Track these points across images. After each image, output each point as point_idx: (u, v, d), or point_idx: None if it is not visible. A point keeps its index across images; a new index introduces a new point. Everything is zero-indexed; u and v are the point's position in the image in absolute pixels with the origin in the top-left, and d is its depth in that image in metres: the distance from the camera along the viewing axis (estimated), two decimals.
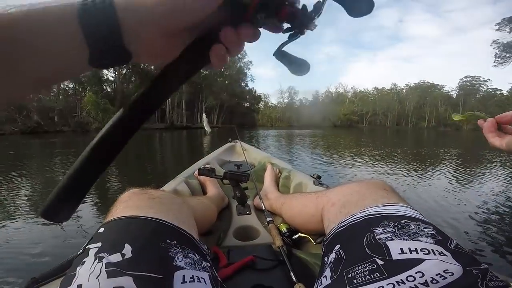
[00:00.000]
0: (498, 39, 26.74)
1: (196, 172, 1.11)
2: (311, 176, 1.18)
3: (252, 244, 0.73)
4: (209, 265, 0.40)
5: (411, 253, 0.32)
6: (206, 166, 1.12)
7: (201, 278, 0.35)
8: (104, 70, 24.58)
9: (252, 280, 0.53)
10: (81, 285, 0.29)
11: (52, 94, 19.67)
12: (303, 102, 49.68)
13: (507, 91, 42.49)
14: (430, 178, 3.54)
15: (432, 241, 0.33)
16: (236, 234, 0.79)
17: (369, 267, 0.33)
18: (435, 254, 0.31)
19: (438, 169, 4.24)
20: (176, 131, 19.32)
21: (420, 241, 0.34)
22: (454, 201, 2.62)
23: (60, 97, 19.90)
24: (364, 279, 0.32)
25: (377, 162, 4.73)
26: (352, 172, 3.91)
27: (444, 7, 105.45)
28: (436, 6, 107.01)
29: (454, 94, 47.11)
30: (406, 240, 0.34)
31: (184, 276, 0.33)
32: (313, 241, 0.68)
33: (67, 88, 21.56)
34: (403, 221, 0.38)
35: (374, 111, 47.61)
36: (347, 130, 27.84)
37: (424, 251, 0.32)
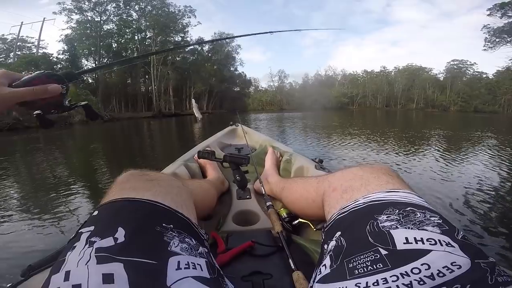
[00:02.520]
0: (489, 24, 27.06)
1: (196, 155, 1.07)
2: (312, 160, 1.15)
3: (251, 229, 0.72)
4: (207, 250, 0.39)
5: (416, 243, 0.31)
6: (206, 149, 1.07)
7: (197, 264, 0.34)
8: (84, 61, 24.22)
9: (250, 266, 0.52)
10: (69, 271, 0.28)
11: None
12: (293, 85, 49.38)
13: (492, 75, 43.44)
14: (419, 158, 3.48)
15: (439, 231, 0.32)
16: (235, 218, 0.78)
17: (371, 257, 0.31)
18: (441, 245, 0.30)
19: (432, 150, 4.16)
20: (164, 119, 18.86)
21: (426, 230, 0.32)
22: (443, 180, 2.60)
23: None
24: (366, 270, 0.31)
25: (368, 141, 4.66)
26: (345, 153, 3.81)
27: None
28: None
29: (441, 77, 47.74)
30: (412, 229, 0.33)
31: (179, 262, 0.32)
32: (313, 227, 0.65)
33: None
34: (409, 208, 0.36)
35: (364, 93, 47.83)
36: (338, 112, 27.98)
37: (431, 241, 0.30)
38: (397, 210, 0.36)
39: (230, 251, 0.55)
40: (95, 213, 0.38)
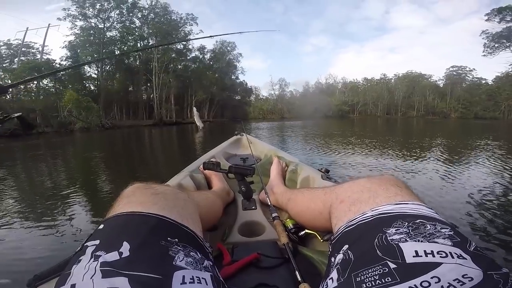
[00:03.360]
0: (487, 29, 27.03)
1: (201, 166, 1.07)
2: (319, 170, 1.13)
3: (257, 241, 0.71)
4: (211, 264, 0.39)
5: (426, 256, 0.30)
6: (211, 160, 1.09)
7: (202, 278, 0.34)
8: (86, 67, 24.31)
9: (256, 278, 0.52)
10: (74, 284, 0.28)
11: (32, 93, 18.83)
12: (294, 94, 49.55)
13: (491, 80, 43.63)
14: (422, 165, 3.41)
15: (450, 243, 0.31)
16: (241, 230, 0.77)
17: (379, 271, 0.31)
18: (453, 257, 0.29)
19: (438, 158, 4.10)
20: (165, 127, 18.80)
21: (437, 242, 0.31)
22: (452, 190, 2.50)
23: (41, 97, 18.95)
24: (374, 284, 0.30)
25: (371, 150, 4.60)
26: (347, 162, 3.75)
27: None
28: None
29: (441, 83, 48.00)
30: (422, 241, 0.32)
31: (184, 276, 0.32)
32: (320, 238, 0.65)
33: (47, 87, 20.59)
34: (418, 220, 0.35)
35: (364, 101, 47.99)
36: (339, 120, 27.98)
37: (441, 253, 0.30)
38: (406, 223, 0.35)
39: (235, 263, 0.55)
40: (101, 226, 0.38)
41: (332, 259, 0.40)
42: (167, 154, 5.90)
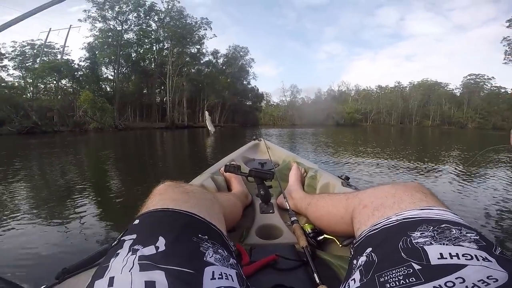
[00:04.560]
0: (508, 36, 25.95)
1: (222, 169, 1.13)
2: (338, 177, 1.13)
3: (274, 243, 0.72)
4: (235, 262, 0.40)
5: (451, 258, 0.30)
6: (232, 163, 1.08)
7: (229, 275, 0.35)
8: (103, 69, 25.00)
9: (273, 279, 0.53)
10: (113, 277, 0.29)
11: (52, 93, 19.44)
12: (306, 101, 49.24)
13: (511, 89, 41.95)
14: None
15: (476, 246, 0.31)
16: (259, 232, 0.78)
17: (404, 272, 0.31)
18: (478, 260, 0.29)
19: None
20: (177, 130, 19.03)
21: (462, 246, 0.31)
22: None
23: (59, 96, 19.54)
24: (398, 283, 0.30)
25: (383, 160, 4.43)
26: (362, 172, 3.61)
27: (445, 5, 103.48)
28: (437, 5, 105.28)
29: (458, 92, 46.65)
30: (447, 245, 0.32)
31: (213, 272, 0.33)
32: (339, 243, 0.65)
33: (65, 87, 21.23)
34: (444, 225, 0.35)
35: (378, 110, 47.18)
36: (351, 128, 27.53)
37: (467, 256, 0.30)
38: (432, 227, 0.35)
39: (254, 263, 0.56)
40: (136, 221, 0.40)
41: (354, 262, 0.40)
42: (177, 159, 5.87)
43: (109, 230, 1.81)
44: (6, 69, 20.30)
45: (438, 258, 0.31)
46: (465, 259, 0.29)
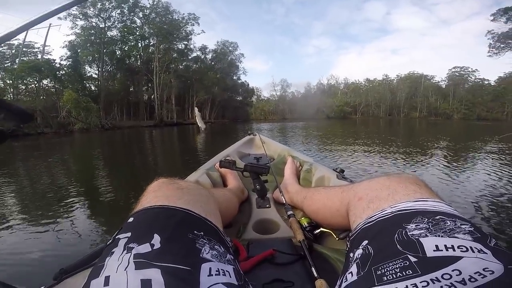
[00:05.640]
0: (493, 30, 26.37)
1: (217, 164, 1.13)
2: (334, 169, 1.13)
3: (271, 238, 0.73)
4: (233, 258, 0.40)
5: (447, 250, 0.30)
6: (227, 158, 1.11)
7: (226, 271, 0.35)
8: (87, 67, 24.16)
9: (271, 274, 0.53)
10: (109, 276, 0.29)
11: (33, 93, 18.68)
12: (296, 95, 49.35)
13: (494, 81, 43.26)
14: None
15: (471, 238, 0.31)
16: (255, 227, 0.79)
17: (400, 264, 0.31)
18: (473, 252, 0.29)
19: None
20: (166, 128, 18.65)
21: (457, 238, 0.32)
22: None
23: (41, 97, 18.78)
24: (395, 276, 0.30)
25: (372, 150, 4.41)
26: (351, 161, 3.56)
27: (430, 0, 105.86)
28: None
29: (443, 84, 47.74)
30: (442, 236, 0.32)
31: (210, 268, 0.33)
32: (335, 236, 0.66)
33: (47, 87, 20.44)
34: (438, 217, 0.35)
35: (366, 102, 47.76)
36: (341, 121, 27.77)
37: (462, 248, 0.30)
38: (426, 219, 0.35)
39: (251, 258, 0.56)
40: (130, 219, 0.39)
41: (351, 255, 0.40)
42: (167, 157, 5.70)
43: (105, 228, 1.81)
44: None
45: (434, 250, 0.31)
46: (461, 251, 0.30)
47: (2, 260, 1.43)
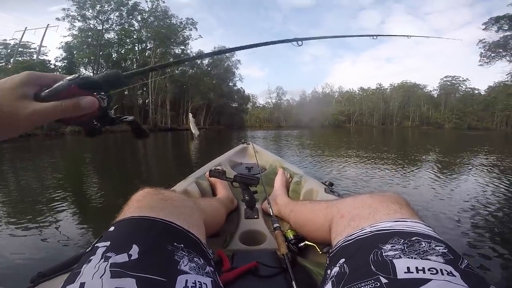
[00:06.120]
0: (484, 39, 26.90)
1: (207, 173, 1.12)
2: (323, 183, 1.13)
3: (257, 249, 0.73)
4: (213, 270, 0.41)
5: (417, 272, 0.31)
6: (217, 168, 1.08)
7: (204, 283, 0.35)
8: (82, 69, 23.88)
9: (253, 286, 0.54)
10: (84, 283, 0.29)
11: None
12: (291, 102, 49.72)
13: (484, 91, 44.33)
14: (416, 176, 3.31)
15: (442, 260, 0.32)
16: (242, 238, 0.79)
17: (371, 285, 0.32)
18: (443, 274, 0.30)
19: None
20: (160, 133, 18.53)
21: (429, 260, 0.32)
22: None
23: None
24: None
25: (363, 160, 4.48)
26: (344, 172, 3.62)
27: (423, 8, 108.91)
28: (416, 8, 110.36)
29: (435, 93, 48.68)
30: (415, 258, 0.33)
31: (187, 280, 0.34)
32: (319, 250, 0.66)
33: None
34: (414, 238, 0.36)
35: (360, 111, 48.40)
36: (335, 130, 28.02)
37: (432, 270, 0.31)
38: (402, 240, 0.36)
39: (234, 270, 0.56)
40: (111, 228, 0.40)
41: (328, 271, 0.41)
42: (158, 164, 5.68)
43: (88, 233, 1.80)
44: None
45: (405, 272, 0.31)
46: (431, 273, 0.30)
47: None
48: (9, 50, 21.34)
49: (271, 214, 0.84)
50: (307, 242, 0.69)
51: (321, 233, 0.59)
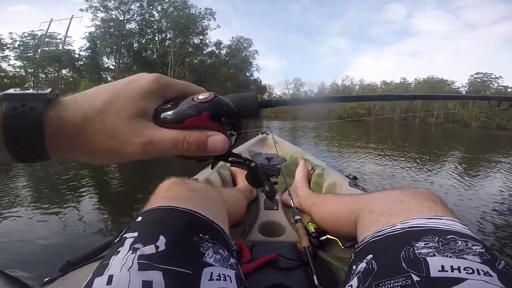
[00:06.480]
0: None
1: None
2: (346, 176, 1.12)
3: (276, 241, 0.72)
4: (236, 261, 0.40)
5: (452, 271, 0.30)
6: None
7: (228, 276, 0.35)
8: (105, 58, 24.65)
9: (272, 278, 0.53)
10: (112, 275, 0.30)
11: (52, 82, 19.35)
12: (309, 94, 48.82)
13: None
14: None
15: (479, 260, 0.31)
16: (261, 229, 0.78)
17: (402, 282, 0.31)
18: (479, 274, 0.29)
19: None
20: None
21: (466, 259, 0.31)
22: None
23: (60, 86, 19.46)
24: None
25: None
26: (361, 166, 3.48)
27: (456, 3, 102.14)
28: (448, 2, 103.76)
29: (463, 90, 46.03)
30: (450, 257, 0.31)
31: (212, 273, 0.33)
32: (341, 245, 0.64)
33: (65, 76, 21.12)
34: (450, 236, 0.34)
35: (381, 105, 46.71)
36: (354, 123, 27.22)
37: (468, 270, 0.29)
38: (437, 238, 0.35)
39: (254, 261, 0.56)
40: (139, 219, 0.39)
41: (354, 267, 0.40)
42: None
43: (113, 220, 1.84)
44: (7, 59, 20.23)
45: (439, 271, 0.30)
46: (466, 272, 0.29)
47: (10, 247, 1.46)
48: (36, 41, 22.32)
49: (292, 205, 0.83)
50: (328, 236, 0.68)
51: (345, 227, 0.58)
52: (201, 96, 0.22)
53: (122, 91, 0.21)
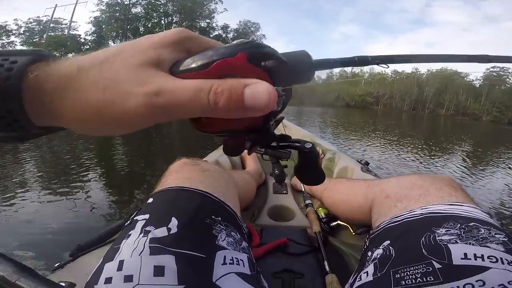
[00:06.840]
0: None
1: None
2: (358, 161, 1.08)
3: (286, 226, 0.71)
4: (247, 245, 0.39)
5: (476, 259, 0.29)
6: None
7: (240, 260, 0.34)
8: (110, 42, 24.22)
9: (282, 263, 0.53)
10: (123, 260, 0.29)
11: None
12: (316, 80, 47.97)
13: None
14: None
15: (503, 249, 0.29)
16: (270, 213, 0.78)
17: (422, 269, 0.30)
18: (503, 263, 0.28)
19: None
20: None
21: (489, 247, 0.30)
22: None
23: None
24: (414, 282, 0.29)
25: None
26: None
27: None
28: None
29: (478, 83, 44.54)
30: (473, 244, 0.30)
31: (225, 257, 0.33)
32: (352, 231, 0.64)
33: None
34: (472, 223, 0.33)
35: (391, 94, 45.72)
36: (361, 111, 26.83)
37: (492, 258, 0.28)
38: (459, 225, 0.33)
39: (264, 246, 0.55)
40: (150, 200, 0.38)
41: (369, 253, 0.39)
42: (184, 138, 5.70)
43: (121, 203, 1.82)
44: (13, 45, 20.22)
45: (462, 258, 0.29)
46: (490, 261, 0.28)
47: (20, 231, 1.44)
48: (41, 27, 22.20)
49: (303, 190, 0.82)
50: (339, 222, 0.67)
51: (358, 213, 0.57)
52: (235, 42, 0.17)
53: (137, 41, 0.16)
